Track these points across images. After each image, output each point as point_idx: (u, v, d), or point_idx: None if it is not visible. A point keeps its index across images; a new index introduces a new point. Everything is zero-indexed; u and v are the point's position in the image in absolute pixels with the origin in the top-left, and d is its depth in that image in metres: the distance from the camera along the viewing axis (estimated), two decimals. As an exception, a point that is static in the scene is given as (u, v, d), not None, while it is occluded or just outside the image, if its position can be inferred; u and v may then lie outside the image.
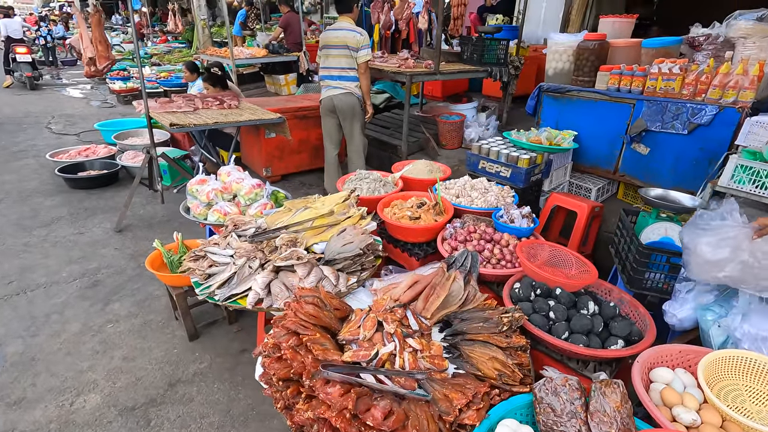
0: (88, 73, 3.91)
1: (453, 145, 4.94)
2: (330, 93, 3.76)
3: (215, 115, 3.53)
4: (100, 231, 3.45)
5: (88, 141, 5.87)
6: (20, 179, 4.44)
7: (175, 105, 3.69)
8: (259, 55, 7.83)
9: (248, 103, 4.10)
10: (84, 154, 4.79)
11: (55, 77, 11.49)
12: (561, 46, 3.42)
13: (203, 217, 2.35)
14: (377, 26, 6.70)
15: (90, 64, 3.76)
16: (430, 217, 2.17)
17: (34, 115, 7.29)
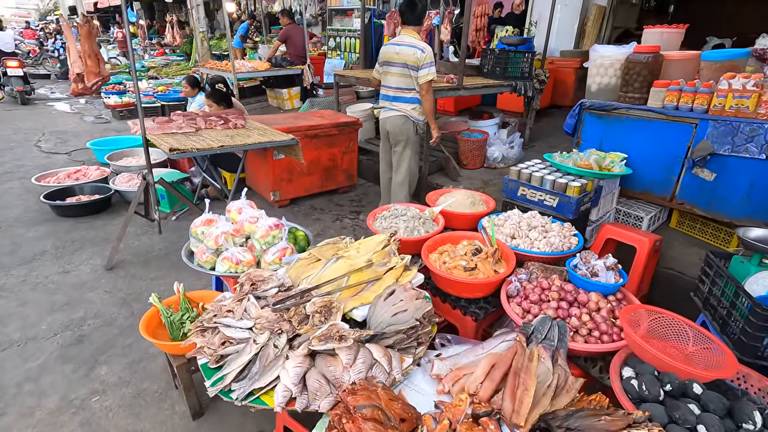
0: (75, 90, 3.52)
1: (475, 165, 4.58)
2: (385, 114, 3.49)
3: (220, 136, 3.14)
4: (88, 269, 3.03)
5: (80, 161, 5.47)
6: (2, 206, 4.02)
7: (174, 125, 3.30)
8: (261, 68, 7.50)
9: (255, 122, 3.72)
10: (74, 176, 4.38)
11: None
12: (607, 59, 3.08)
13: (210, 265, 1.95)
14: (387, 39, 6.39)
15: (77, 80, 3.37)
16: (488, 267, 1.78)
17: (23, 131, 6.88)
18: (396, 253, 1.80)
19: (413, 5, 3.31)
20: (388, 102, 3.52)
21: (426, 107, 3.36)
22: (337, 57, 9.69)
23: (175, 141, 2.95)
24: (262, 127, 3.54)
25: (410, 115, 3.42)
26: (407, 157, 3.59)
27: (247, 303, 1.51)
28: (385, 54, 3.45)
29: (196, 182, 4.49)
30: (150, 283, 2.90)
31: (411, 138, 3.50)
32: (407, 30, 3.37)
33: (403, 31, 3.42)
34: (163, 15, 23.08)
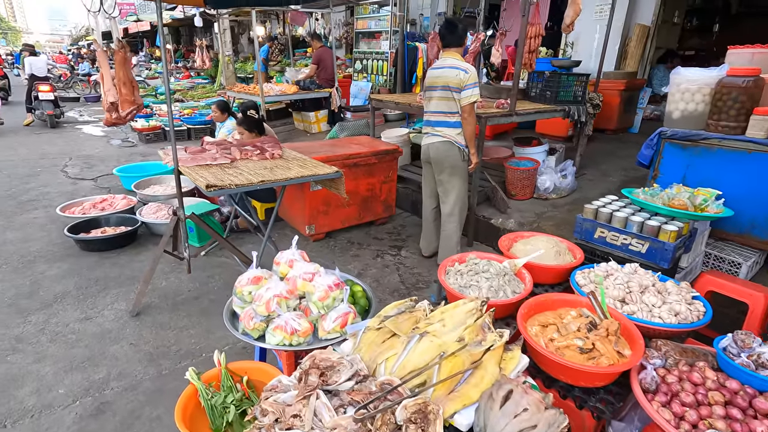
0: (109, 120, 3.30)
1: (524, 195, 4.21)
2: (428, 141, 3.25)
3: (258, 169, 2.87)
4: (112, 315, 2.74)
5: (105, 187, 5.30)
6: (24, 238, 3.81)
7: (208, 155, 3.05)
8: (289, 91, 7.36)
9: (292, 151, 3.45)
10: (99, 206, 4.17)
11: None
12: (694, 83, 2.72)
13: (259, 332, 1.62)
14: (421, 61, 6.16)
15: (111, 110, 3.16)
16: (610, 348, 1.41)
17: (50, 156, 6.82)
18: (491, 327, 1.44)
19: (453, 27, 3.13)
20: (431, 127, 3.28)
21: (467, 131, 3.11)
22: (364, 79, 9.55)
23: (210, 175, 2.68)
24: (300, 158, 3.27)
25: (455, 140, 3.16)
26: (456, 185, 3.30)
27: (316, 402, 1.17)
28: (429, 78, 3.26)
29: (225, 212, 4.24)
30: (179, 333, 2.59)
31: (458, 165, 3.22)
32: (449, 52, 3.16)
33: (444, 54, 3.22)
34: (188, 39, 23.73)
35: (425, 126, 3.35)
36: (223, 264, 3.49)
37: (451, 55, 3.13)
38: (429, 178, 3.52)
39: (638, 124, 6.53)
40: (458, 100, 3.03)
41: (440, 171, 3.27)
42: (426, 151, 3.31)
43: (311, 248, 3.81)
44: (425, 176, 3.55)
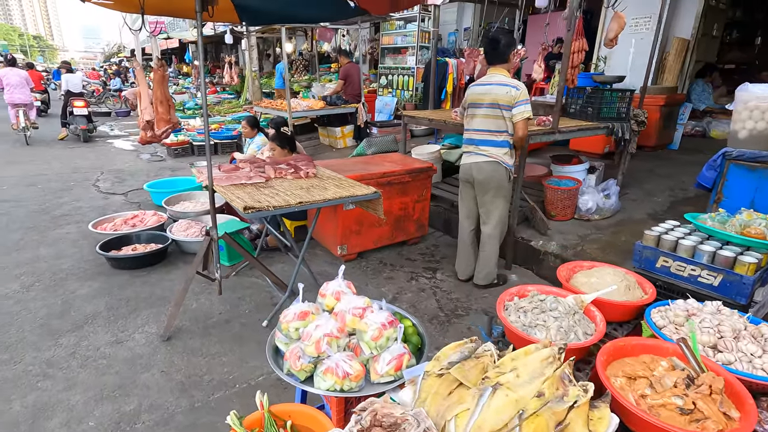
0: (144, 139, 3.29)
1: (564, 216, 4.01)
2: (471, 160, 3.13)
3: (294, 189, 2.77)
4: (142, 338, 2.66)
5: (136, 202, 5.32)
6: (57, 254, 3.80)
7: (243, 174, 2.97)
8: (316, 107, 7.35)
9: (326, 170, 3.36)
10: (130, 223, 4.15)
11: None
12: (765, 100, 2.52)
13: (306, 374, 1.48)
14: (450, 77, 6.07)
15: (146, 128, 3.14)
16: (715, 409, 1.21)
17: (82, 170, 6.94)
18: (572, 379, 1.27)
19: (495, 43, 3.03)
20: (474, 146, 3.16)
21: (519, 146, 3.12)
22: (389, 94, 9.52)
23: (246, 195, 2.59)
24: (335, 177, 3.17)
25: (502, 160, 3.05)
26: (499, 206, 3.19)
27: (383, 470, 1.02)
28: (472, 95, 3.13)
29: (254, 230, 4.16)
30: (211, 360, 2.48)
31: (503, 185, 3.12)
32: (495, 69, 3.08)
33: (491, 70, 3.12)
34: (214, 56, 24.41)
35: (467, 144, 3.22)
36: (254, 285, 3.39)
37: (498, 71, 3.02)
38: (468, 198, 3.39)
39: (678, 140, 6.26)
40: (509, 118, 2.94)
41: (484, 191, 3.14)
42: (468, 171, 3.18)
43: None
44: (464, 196, 3.41)
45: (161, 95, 3.02)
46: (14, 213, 4.83)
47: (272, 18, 4.02)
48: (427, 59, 8.88)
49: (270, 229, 3.70)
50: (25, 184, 6.03)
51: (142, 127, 3.15)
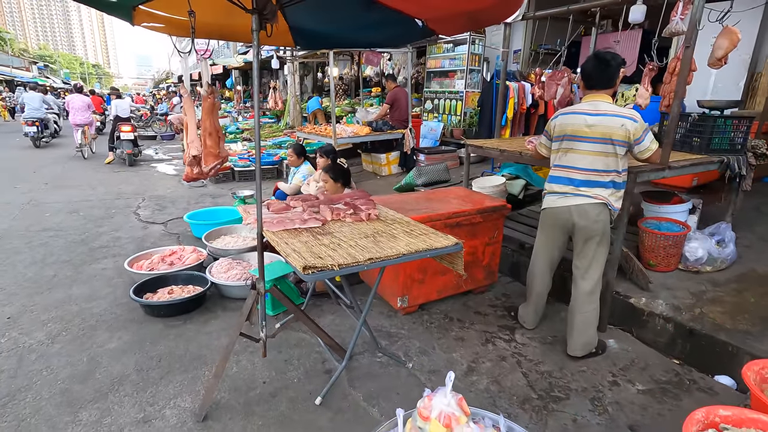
0: (189, 176, 2.91)
1: (667, 267, 3.34)
2: (568, 202, 2.59)
3: (359, 237, 2.29)
4: (174, 416, 2.20)
5: (175, 233, 5.04)
6: (89, 295, 3.48)
7: (296, 217, 2.53)
8: (362, 132, 6.99)
9: (388, 210, 2.88)
10: (168, 260, 3.81)
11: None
12: None
13: None
14: (512, 101, 5.55)
15: (193, 164, 2.76)
16: None
17: (125, 196, 6.83)
18: None
19: (604, 65, 2.52)
20: (574, 187, 2.60)
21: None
22: (435, 119, 9.10)
23: (303, 246, 2.13)
24: (401, 220, 2.68)
25: (609, 202, 2.52)
26: (602, 256, 2.66)
27: None
28: (571, 126, 2.59)
29: (300, 272, 3.71)
30: (255, 455, 1.98)
31: (608, 231, 2.61)
32: (598, 95, 2.55)
33: (591, 97, 2.59)
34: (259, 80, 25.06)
35: (560, 184, 2.66)
36: (302, 342, 2.91)
37: (601, 98, 2.52)
38: (553, 246, 2.85)
39: (777, 172, 5.41)
40: (622, 155, 2.46)
41: (586, 239, 2.60)
42: (564, 215, 2.63)
43: (402, 324, 3.15)
44: (548, 243, 2.87)
45: (210, 126, 2.63)
46: (53, 244, 4.63)
47: (329, 42, 3.67)
48: (475, 80, 8.44)
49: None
50: (68, 210, 5.92)
51: (188, 162, 2.77)
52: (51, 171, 8.82)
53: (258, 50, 2.30)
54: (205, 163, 2.71)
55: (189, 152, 2.65)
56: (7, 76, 32.92)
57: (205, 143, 2.63)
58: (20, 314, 3.17)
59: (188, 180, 2.91)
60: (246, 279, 3.46)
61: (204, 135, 2.64)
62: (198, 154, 2.63)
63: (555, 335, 3.02)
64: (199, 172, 2.75)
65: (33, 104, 11.56)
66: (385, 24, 3.08)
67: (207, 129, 2.61)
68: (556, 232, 2.78)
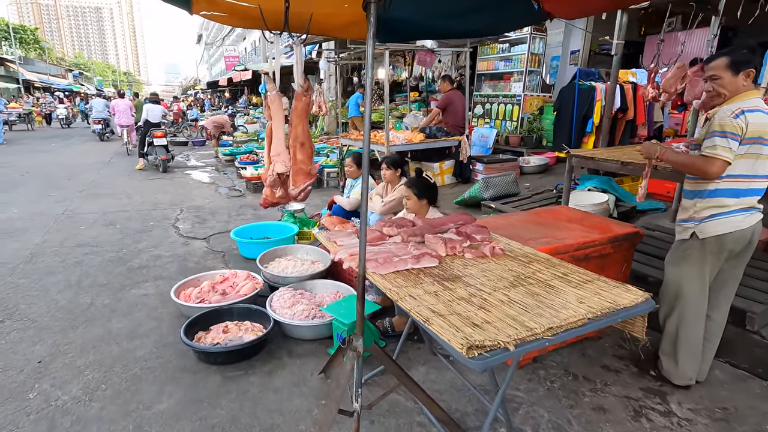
0: (269, 200, 2.26)
1: None
2: (753, 219, 2.15)
3: (503, 287, 1.66)
4: None
5: (219, 251, 4.52)
6: (132, 331, 2.96)
7: (402, 252, 1.93)
8: (415, 140, 6.36)
9: (502, 238, 2.25)
10: (219, 288, 3.26)
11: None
12: None
13: None
14: (599, 105, 4.85)
15: (276, 184, 2.13)
16: None
17: (162, 206, 6.39)
18: None
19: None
20: (758, 199, 2.04)
21: None
22: (486, 126, 8.43)
23: (441, 305, 1.51)
24: (537, 256, 2.04)
25: None
26: None
27: None
28: (762, 126, 1.94)
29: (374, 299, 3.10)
30: None
31: None
32: (757, 92, 2.08)
33: (753, 93, 2.09)
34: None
35: (748, 196, 2.10)
36: (395, 407, 2.28)
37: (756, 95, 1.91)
38: (712, 274, 2.28)
39: None
40: None
41: (746, 259, 2.26)
42: (747, 235, 2.16)
43: (515, 382, 2.49)
44: (706, 277, 2.27)
45: (303, 134, 2.00)
46: (89, 262, 4.16)
47: (415, 32, 3.08)
48: (533, 83, 7.72)
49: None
50: (104, 222, 5.50)
51: (270, 182, 2.11)
52: (85, 178, 8.54)
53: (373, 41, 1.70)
54: (294, 183, 2.07)
55: (273, 169, 2.00)
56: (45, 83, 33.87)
57: (295, 157, 2.00)
58: (53, 357, 2.65)
59: (267, 205, 2.27)
60: (313, 316, 2.87)
61: (294, 146, 2.01)
62: (286, 171, 2.01)
63: (723, 406, 2.31)
64: (283, 195, 2.13)
65: (98, 108, 14.64)
66: (493, 6, 2.47)
67: (299, 138, 1.99)
68: (721, 260, 2.21)
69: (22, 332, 2.91)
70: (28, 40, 44.45)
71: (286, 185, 2.03)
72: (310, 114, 1.97)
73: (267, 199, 2.09)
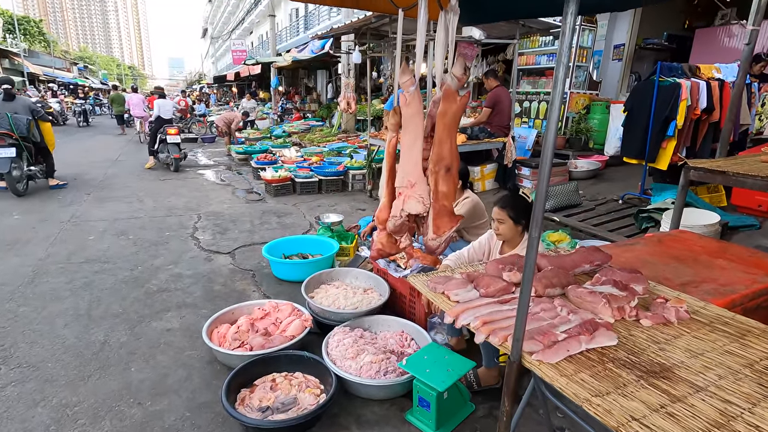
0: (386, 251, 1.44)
1: None
2: None
3: (733, 381, 1.06)
4: None
5: (248, 270, 3.94)
6: (156, 383, 2.38)
7: (557, 319, 1.34)
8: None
9: (656, 285, 1.65)
10: (260, 326, 2.68)
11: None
12: None
13: None
14: (683, 104, 4.22)
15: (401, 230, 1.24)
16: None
17: (177, 212, 5.82)
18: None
19: None
20: None
21: None
22: (524, 126, 7.81)
23: (668, 424, 0.92)
24: (733, 320, 1.44)
25: None
26: None
27: None
28: None
29: (440, 340, 2.51)
30: None
31: None
32: None
33: None
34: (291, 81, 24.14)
35: None
36: None
37: None
38: None
39: None
40: None
41: None
42: None
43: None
44: None
45: (449, 154, 1.28)
46: (99, 283, 3.59)
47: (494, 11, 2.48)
48: (581, 80, 7.03)
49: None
50: (115, 232, 4.92)
51: (395, 227, 1.26)
52: (93, 177, 7.98)
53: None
54: (436, 229, 1.31)
55: (403, 207, 1.26)
56: (50, 77, 33.29)
57: (437, 190, 1.28)
58: (59, 426, 2.07)
59: (380, 258, 1.56)
60: (385, 370, 2.29)
61: (435, 174, 1.25)
62: (424, 211, 1.31)
63: None
64: (408, 245, 1.43)
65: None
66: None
67: (444, 160, 1.21)
68: None
69: (20, 386, 2.34)
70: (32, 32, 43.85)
71: (413, 231, 1.40)
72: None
73: (383, 250, 1.43)
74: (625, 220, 4.40)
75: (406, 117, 1.31)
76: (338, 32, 9.23)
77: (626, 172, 6.30)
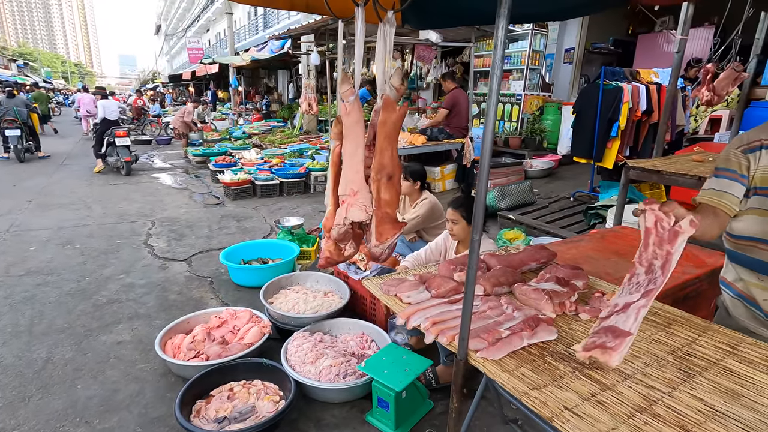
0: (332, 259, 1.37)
1: None
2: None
3: (675, 382, 1.16)
4: None
5: (205, 277, 3.83)
6: (106, 400, 2.27)
7: (500, 316, 1.41)
8: (417, 142, 5.84)
9: (596, 280, 1.76)
10: (217, 335, 2.62)
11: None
12: None
13: None
14: (625, 107, 4.49)
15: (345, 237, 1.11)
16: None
17: (129, 218, 5.56)
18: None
19: None
20: None
21: None
22: (481, 126, 8.02)
23: (612, 421, 1.00)
24: (662, 309, 1.57)
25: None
26: None
27: None
28: None
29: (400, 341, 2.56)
30: None
31: None
32: None
33: None
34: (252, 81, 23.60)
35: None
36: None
37: None
38: None
39: None
40: None
41: None
42: None
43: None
44: None
45: (391, 162, 1.30)
46: (42, 297, 3.38)
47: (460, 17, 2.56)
48: (534, 82, 7.35)
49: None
50: (60, 241, 4.65)
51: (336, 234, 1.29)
52: (36, 183, 7.49)
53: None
54: (379, 236, 1.35)
55: (346, 215, 1.31)
56: (-16, 74, 30.78)
57: (379, 197, 1.32)
58: (-5, 452, 1.95)
59: (328, 266, 1.57)
60: (344, 373, 2.30)
61: (377, 181, 1.28)
62: (366, 218, 1.35)
63: None
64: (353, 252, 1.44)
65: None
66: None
67: (385, 168, 1.25)
68: None
69: (-49, 411, 2.17)
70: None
71: (359, 238, 1.42)
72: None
73: (331, 258, 1.44)
74: (576, 217, 4.63)
75: (347, 126, 1.33)
76: (297, 32, 9.14)
77: (577, 170, 6.62)
